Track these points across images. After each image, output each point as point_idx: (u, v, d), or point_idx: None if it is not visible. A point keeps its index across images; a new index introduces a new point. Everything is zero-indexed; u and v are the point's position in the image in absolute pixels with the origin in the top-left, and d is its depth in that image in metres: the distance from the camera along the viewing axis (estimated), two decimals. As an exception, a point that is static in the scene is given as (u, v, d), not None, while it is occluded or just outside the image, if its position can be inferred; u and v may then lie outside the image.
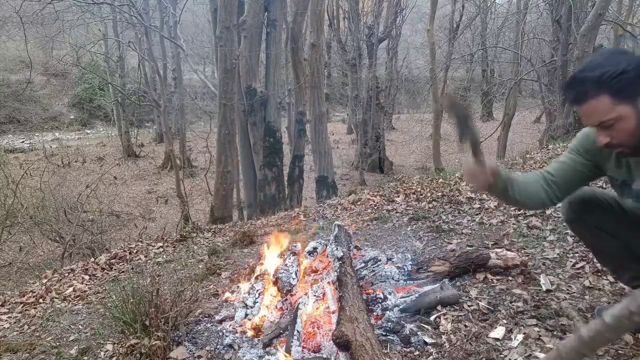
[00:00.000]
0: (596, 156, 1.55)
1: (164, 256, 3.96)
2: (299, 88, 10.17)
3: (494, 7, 18.93)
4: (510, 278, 2.34)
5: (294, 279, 2.48)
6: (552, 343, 1.76)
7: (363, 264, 2.48)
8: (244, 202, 9.74)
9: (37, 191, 8.10)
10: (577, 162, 1.59)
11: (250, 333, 2.19)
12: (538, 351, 1.72)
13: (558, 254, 2.57)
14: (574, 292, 2.13)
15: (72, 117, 22.19)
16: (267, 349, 2.05)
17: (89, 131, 21.84)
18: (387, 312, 2.11)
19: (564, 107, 8.31)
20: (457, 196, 4.06)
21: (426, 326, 2.01)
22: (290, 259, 2.64)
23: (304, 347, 1.96)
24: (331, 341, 1.77)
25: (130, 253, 4.14)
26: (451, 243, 3.01)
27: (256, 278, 2.62)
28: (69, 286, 3.40)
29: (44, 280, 3.65)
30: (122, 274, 3.61)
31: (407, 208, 4.05)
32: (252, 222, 5.23)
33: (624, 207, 1.61)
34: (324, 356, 1.89)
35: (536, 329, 1.87)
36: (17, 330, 2.72)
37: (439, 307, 2.12)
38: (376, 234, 3.51)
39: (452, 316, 2.05)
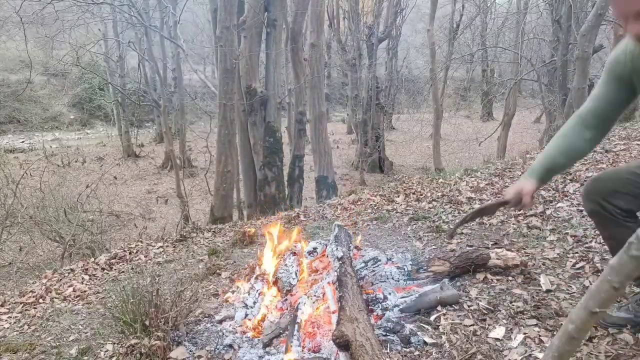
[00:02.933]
0: (632, 77, 1.49)
1: (164, 256, 3.95)
2: (299, 88, 10.17)
3: (494, 7, 18.93)
4: (510, 278, 2.34)
5: (294, 279, 2.48)
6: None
7: (363, 264, 2.48)
8: (244, 202, 9.73)
9: (37, 191, 8.09)
10: (613, 91, 1.54)
11: (250, 333, 2.19)
12: (538, 351, 1.72)
13: (558, 254, 2.57)
14: (574, 292, 2.13)
15: (72, 117, 22.20)
16: (267, 349, 2.05)
17: (89, 131, 21.85)
18: (387, 312, 2.11)
19: (563, 107, 8.31)
20: (457, 196, 4.06)
21: (426, 326, 2.01)
22: (290, 259, 2.63)
23: (304, 347, 1.96)
24: (331, 341, 1.77)
25: (130, 253, 4.13)
26: (451, 243, 3.01)
27: (256, 278, 2.62)
28: (69, 286, 3.40)
29: (44, 280, 3.64)
30: (122, 274, 3.60)
31: (407, 208, 4.05)
32: (252, 222, 5.23)
33: None
34: (324, 356, 1.89)
35: (536, 329, 1.87)
36: (17, 330, 2.72)
37: (439, 307, 2.12)
38: (376, 234, 3.51)
39: (452, 316, 2.05)
